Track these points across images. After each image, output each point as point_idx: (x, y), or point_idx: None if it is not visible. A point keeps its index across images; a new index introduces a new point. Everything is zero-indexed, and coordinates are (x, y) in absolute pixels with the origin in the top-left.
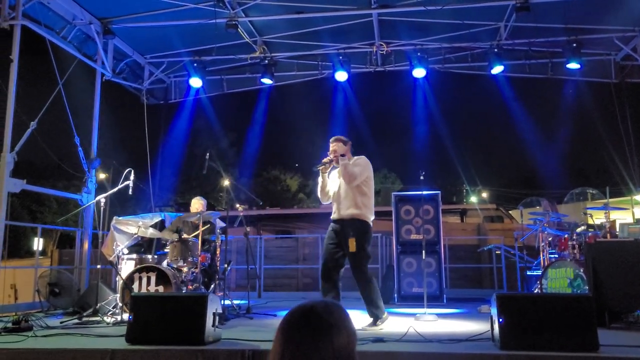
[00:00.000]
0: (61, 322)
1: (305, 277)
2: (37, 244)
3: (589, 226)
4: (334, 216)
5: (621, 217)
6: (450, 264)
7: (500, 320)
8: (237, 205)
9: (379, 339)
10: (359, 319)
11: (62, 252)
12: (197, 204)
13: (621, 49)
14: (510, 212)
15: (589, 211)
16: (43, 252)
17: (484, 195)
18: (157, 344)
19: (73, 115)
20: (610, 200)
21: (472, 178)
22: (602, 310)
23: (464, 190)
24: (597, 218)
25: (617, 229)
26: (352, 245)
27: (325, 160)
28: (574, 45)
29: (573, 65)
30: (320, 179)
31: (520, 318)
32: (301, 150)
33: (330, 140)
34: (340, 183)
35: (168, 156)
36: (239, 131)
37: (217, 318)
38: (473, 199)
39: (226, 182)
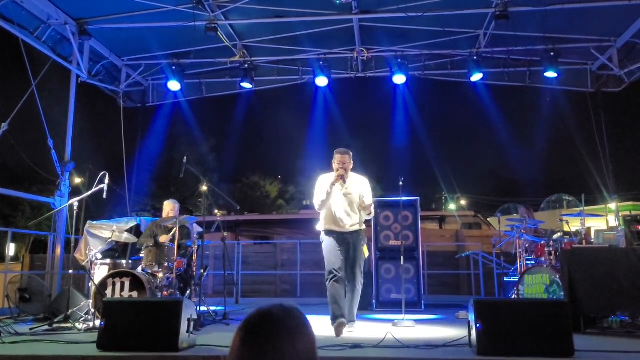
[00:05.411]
0: (31, 329)
1: (284, 283)
2: (8, 248)
3: (565, 233)
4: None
5: (596, 225)
6: (429, 270)
7: (478, 325)
8: (216, 211)
9: (357, 345)
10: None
11: (34, 257)
12: (168, 207)
13: (597, 59)
14: (488, 219)
15: (565, 218)
16: (16, 258)
17: (463, 202)
18: (130, 350)
19: (48, 117)
20: (586, 208)
21: (451, 185)
22: (577, 315)
23: (443, 198)
24: (573, 225)
25: (593, 236)
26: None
27: (341, 173)
28: (552, 54)
29: (550, 74)
30: (329, 191)
31: (497, 323)
32: (281, 156)
33: (339, 152)
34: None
35: (146, 161)
36: (218, 136)
37: (191, 324)
38: (452, 206)
39: (204, 188)
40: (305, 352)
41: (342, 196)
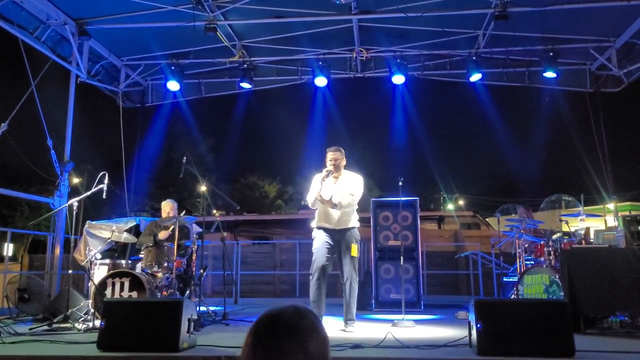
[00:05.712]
0: (30, 329)
1: (283, 283)
2: (7, 248)
3: (565, 233)
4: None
5: (594, 225)
6: (428, 271)
7: (478, 325)
8: (214, 211)
9: (357, 345)
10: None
11: (33, 257)
12: (167, 207)
13: (596, 59)
14: (487, 219)
15: (564, 218)
16: (14, 258)
17: (461, 202)
18: (130, 350)
19: (47, 117)
20: (584, 208)
21: (450, 185)
22: (577, 315)
23: (442, 198)
24: (573, 225)
25: (592, 236)
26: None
27: (329, 168)
28: (551, 54)
29: (549, 74)
30: (319, 187)
31: (497, 324)
32: (280, 156)
33: (331, 150)
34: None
35: (144, 161)
36: (217, 136)
37: (192, 324)
38: (450, 206)
39: (203, 188)
40: (317, 354)
41: (334, 193)
